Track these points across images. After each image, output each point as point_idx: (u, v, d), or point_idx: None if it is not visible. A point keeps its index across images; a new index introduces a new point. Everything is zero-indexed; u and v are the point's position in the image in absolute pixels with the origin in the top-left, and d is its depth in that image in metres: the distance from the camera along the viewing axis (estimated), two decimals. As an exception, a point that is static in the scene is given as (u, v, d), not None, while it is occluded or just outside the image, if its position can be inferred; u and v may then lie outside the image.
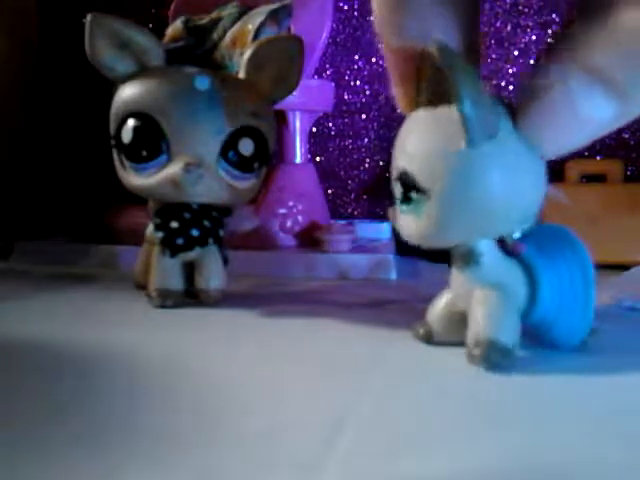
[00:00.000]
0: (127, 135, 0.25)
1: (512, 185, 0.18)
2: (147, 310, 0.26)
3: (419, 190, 0.18)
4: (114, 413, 0.15)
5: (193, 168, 0.24)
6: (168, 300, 0.26)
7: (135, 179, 0.25)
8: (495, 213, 0.18)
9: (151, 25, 0.46)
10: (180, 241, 0.26)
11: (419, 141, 0.18)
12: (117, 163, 0.26)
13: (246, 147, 0.25)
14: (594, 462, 0.13)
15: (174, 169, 0.24)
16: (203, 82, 0.25)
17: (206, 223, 0.27)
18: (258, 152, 0.26)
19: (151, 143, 0.24)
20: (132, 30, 0.24)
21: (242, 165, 0.25)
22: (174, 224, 0.26)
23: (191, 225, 0.26)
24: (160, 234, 0.26)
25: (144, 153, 0.25)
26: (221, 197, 0.26)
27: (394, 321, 0.25)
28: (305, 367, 0.19)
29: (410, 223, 0.19)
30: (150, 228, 0.28)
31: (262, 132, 0.26)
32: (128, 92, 0.25)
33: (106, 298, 0.28)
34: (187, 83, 0.25)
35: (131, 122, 0.25)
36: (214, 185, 0.25)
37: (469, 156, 0.17)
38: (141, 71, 0.25)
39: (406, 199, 0.19)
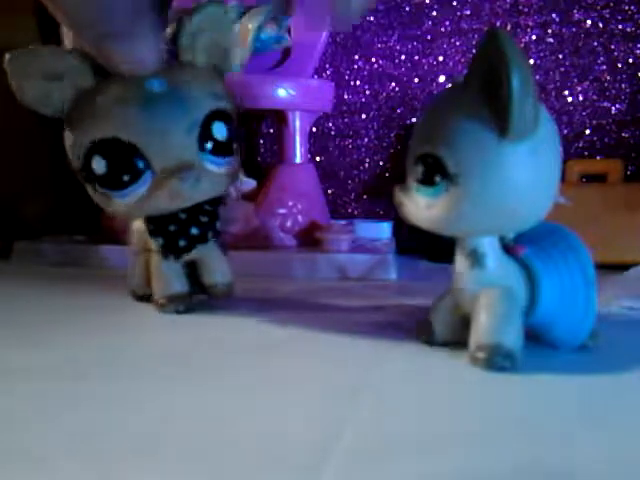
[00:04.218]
0: (100, 166, 0.23)
1: (540, 186, 0.18)
2: (146, 310, 0.26)
3: (446, 175, 0.18)
4: (113, 416, 0.15)
5: (187, 173, 0.23)
6: (180, 305, 0.26)
7: (121, 204, 0.24)
8: (516, 211, 0.18)
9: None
10: (182, 242, 0.26)
11: (455, 125, 0.18)
12: (92, 193, 0.24)
13: (220, 131, 0.24)
14: (594, 461, 0.13)
15: (168, 181, 0.23)
16: (157, 84, 0.23)
17: (203, 219, 0.26)
18: (231, 132, 0.25)
19: (130, 165, 0.23)
20: (56, 57, 0.23)
21: (223, 150, 0.25)
22: (172, 227, 0.25)
23: (189, 224, 0.26)
24: (160, 240, 0.25)
25: (125, 178, 0.23)
26: (217, 189, 0.25)
27: (394, 321, 0.25)
28: (305, 367, 0.19)
29: (424, 206, 0.19)
30: (140, 237, 0.27)
31: (227, 111, 0.25)
32: (82, 121, 0.23)
33: (106, 298, 0.28)
34: (142, 91, 0.23)
35: (100, 151, 0.23)
36: (207, 181, 0.24)
37: (508, 150, 0.17)
38: (81, 95, 0.23)
39: (428, 181, 0.19)
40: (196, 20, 0.24)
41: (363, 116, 0.50)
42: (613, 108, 0.46)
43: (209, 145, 0.24)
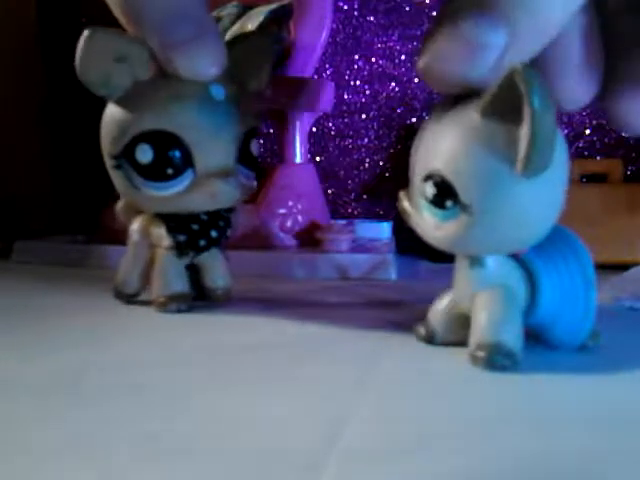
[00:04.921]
0: (146, 155, 0.23)
1: (551, 210, 0.18)
2: (147, 311, 0.26)
3: (457, 202, 0.18)
4: (113, 416, 0.15)
5: (230, 177, 0.24)
6: (182, 304, 0.26)
7: (153, 197, 0.24)
8: (527, 236, 0.19)
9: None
10: (203, 243, 0.26)
11: (471, 155, 0.17)
12: (120, 182, 0.25)
13: (255, 147, 0.26)
14: (593, 462, 0.13)
15: (212, 182, 0.24)
16: (219, 91, 0.24)
17: (220, 223, 0.27)
18: (260, 150, 0.26)
19: (176, 160, 0.24)
20: (128, 42, 0.23)
21: (253, 165, 0.26)
22: (195, 226, 0.26)
23: (209, 226, 0.26)
24: (182, 237, 0.26)
25: (170, 171, 0.24)
26: (238, 199, 0.26)
27: (394, 321, 0.25)
28: (305, 367, 0.19)
29: (432, 226, 0.19)
30: (145, 235, 0.27)
31: (259, 130, 0.26)
32: (136, 109, 0.23)
33: (106, 298, 0.28)
34: (203, 93, 0.24)
35: (150, 141, 0.23)
36: (240, 190, 0.25)
37: (523, 186, 0.17)
38: (139, 85, 0.24)
39: (439, 204, 0.18)
40: (244, 47, 0.25)
41: (363, 116, 0.50)
42: (613, 108, 0.46)
43: (244, 157, 0.25)
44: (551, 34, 0.18)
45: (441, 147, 0.18)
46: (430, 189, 0.18)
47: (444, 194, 0.18)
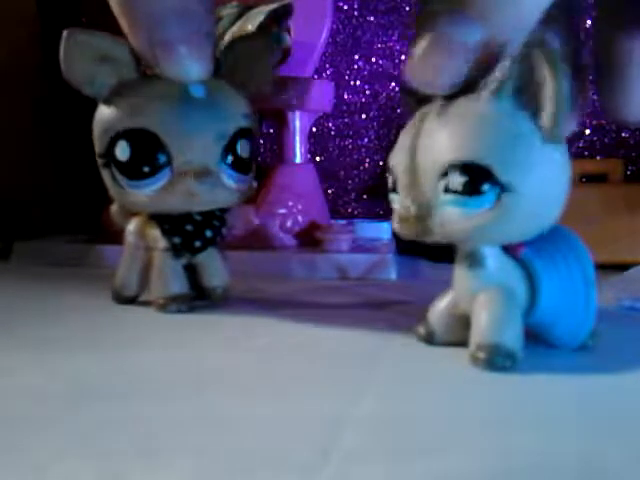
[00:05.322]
0: (124, 153, 0.24)
1: (566, 186, 0.19)
2: (146, 311, 0.26)
3: (495, 183, 0.18)
4: (112, 416, 0.15)
5: (204, 177, 0.24)
6: (182, 305, 0.26)
7: (135, 196, 0.24)
8: (555, 212, 0.19)
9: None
10: (198, 243, 0.26)
11: (494, 131, 0.18)
12: (109, 181, 0.25)
13: (244, 149, 0.25)
14: (593, 462, 0.13)
15: (185, 180, 0.24)
16: (198, 89, 0.24)
17: (215, 223, 0.27)
18: (252, 152, 0.26)
19: (152, 158, 0.24)
20: (110, 43, 0.23)
21: (242, 167, 0.25)
22: (189, 227, 0.26)
23: (204, 226, 0.26)
24: (177, 239, 0.26)
25: (146, 169, 0.24)
26: (227, 202, 0.26)
27: (394, 321, 0.25)
28: (305, 367, 0.19)
29: (455, 217, 0.18)
30: (141, 236, 0.27)
31: (253, 132, 0.26)
32: (117, 108, 0.24)
33: (106, 298, 0.28)
34: (182, 92, 0.24)
35: (128, 138, 0.24)
36: (222, 192, 0.25)
37: (554, 154, 0.18)
38: (123, 85, 0.24)
39: (473, 191, 0.18)
40: (245, 47, 0.25)
41: (363, 116, 0.50)
42: (613, 108, 0.46)
43: (230, 158, 0.25)
44: (535, 18, 0.18)
45: (461, 135, 0.18)
46: (459, 179, 0.18)
47: (478, 179, 0.18)
